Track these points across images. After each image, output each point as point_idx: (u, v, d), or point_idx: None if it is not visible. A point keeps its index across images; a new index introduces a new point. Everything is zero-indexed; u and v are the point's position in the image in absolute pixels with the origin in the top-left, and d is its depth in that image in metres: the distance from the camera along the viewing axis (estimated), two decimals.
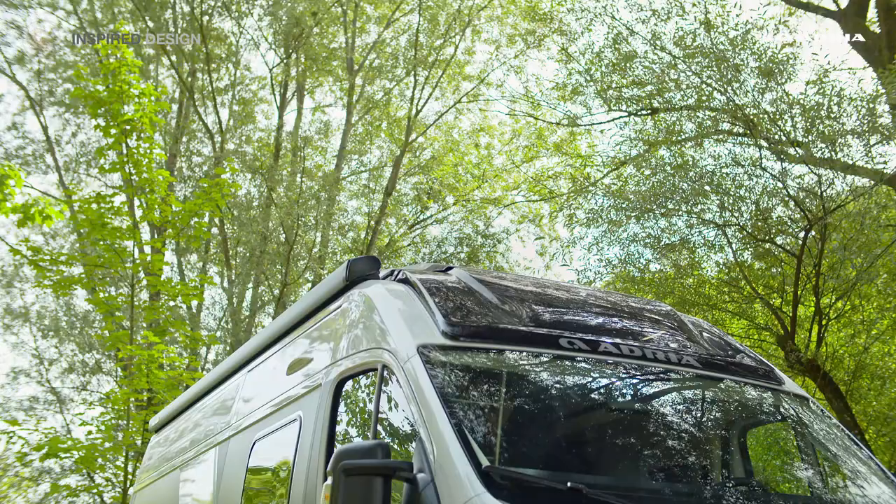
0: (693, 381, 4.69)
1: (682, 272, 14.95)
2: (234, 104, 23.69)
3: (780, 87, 13.35)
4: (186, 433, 7.99)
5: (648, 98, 15.56)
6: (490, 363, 4.30)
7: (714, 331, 5.49)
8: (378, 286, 4.94)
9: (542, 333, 4.47)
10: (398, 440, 4.12)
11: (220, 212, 16.43)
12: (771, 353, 14.52)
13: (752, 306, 14.72)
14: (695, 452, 4.41)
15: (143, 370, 12.96)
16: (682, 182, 13.76)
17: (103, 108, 12.79)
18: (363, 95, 23.74)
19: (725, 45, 13.92)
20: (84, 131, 24.91)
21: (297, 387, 5.26)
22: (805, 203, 12.75)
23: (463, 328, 4.35)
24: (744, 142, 14.46)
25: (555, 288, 5.65)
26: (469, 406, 4.02)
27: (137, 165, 12.92)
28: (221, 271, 23.64)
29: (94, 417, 13.85)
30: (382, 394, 4.26)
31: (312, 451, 4.63)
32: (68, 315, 25.50)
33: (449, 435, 3.67)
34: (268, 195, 21.48)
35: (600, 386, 4.51)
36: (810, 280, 13.03)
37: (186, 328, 15.08)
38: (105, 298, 13.63)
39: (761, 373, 4.93)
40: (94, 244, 13.38)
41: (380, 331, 4.54)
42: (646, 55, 15.59)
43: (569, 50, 17.98)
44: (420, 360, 4.08)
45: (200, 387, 8.09)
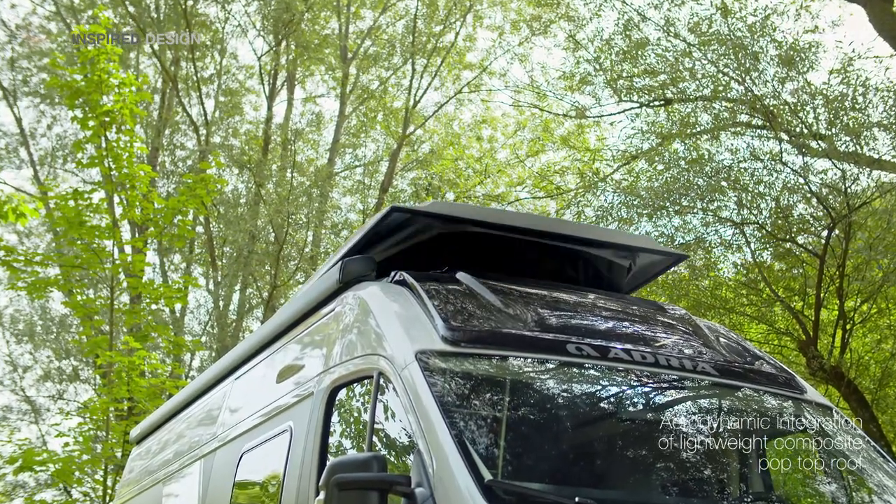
0: (709, 389, 4.69)
1: (698, 273, 14.96)
2: (221, 95, 23.69)
3: (801, 76, 13.36)
4: (169, 445, 7.99)
5: (661, 88, 15.57)
6: (493, 370, 4.30)
7: (731, 336, 5.49)
8: (374, 288, 4.94)
9: (548, 339, 4.47)
10: (395, 452, 4.12)
11: (206, 209, 16.44)
12: (792, 360, 14.53)
13: (771, 310, 14.73)
14: (711, 465, 4.41)
15: (124, 378, 12.96)
16: (698, 178, 13.76)
17: (81, 99, 12.80)
18: (357, 85, 23.74)
19: (743, 32, 13.93)
20: (60, 123, 24.93)
21: (288, 395, 5.26)
22: (828, 200, 12.76)
23: (464, 333, 4.35)
24: (763, 135, 14.47)
25: (562, 290, 5.65)
26: (470, 416, 4.02)
27: (117, 160, 12.92)
28: (207, 272, 23.64)
29: (72, 428, 13.86)
30: (378, 403, 4.26)
31: (304, 463, 4.63)
32: (44, 319, 25.50)
33: (449, 447, 3.67)
34: (256, 191, 21.48)
35: (610, 395, 4.51)
36: (834, 282, 13.03)
37: (169, 333, 15.09)
38: (83, 301, 13.64)
39: (782, 381, 4.94)
40: (71, 244, 13.38)
41: (375, 336, 4.54)
42: (659, 42, 15.60)
43: (577, 37, 17.99)
44: (418, 366, 4.08)
45: (184, 396, 8.09)
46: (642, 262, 6.06)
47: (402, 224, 5.48)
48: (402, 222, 5.47)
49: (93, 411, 13.93)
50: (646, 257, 6.03)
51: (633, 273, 6.09)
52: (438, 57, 23.14)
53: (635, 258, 5.99)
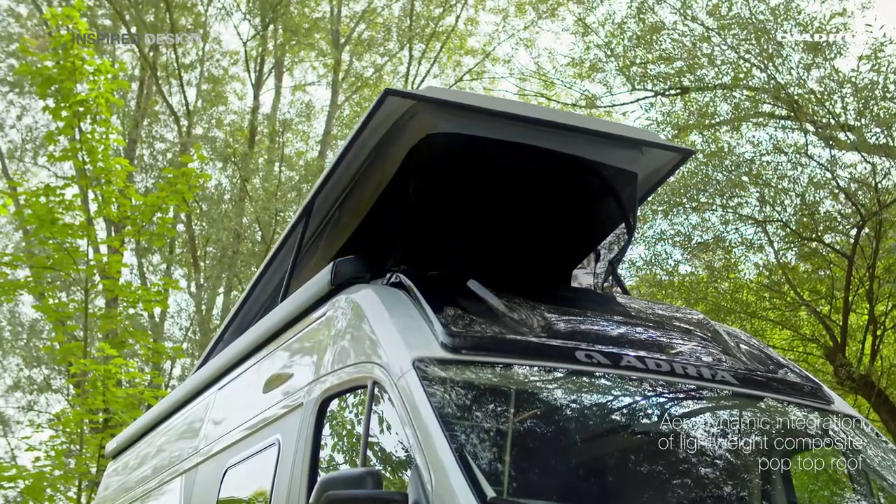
0: (729, 399, 4.69)
1: (717, 275, 14.96)
2: (203, 82, 23.70)
3: (828, 62, 13.36)
4: (148, 460, 8.00)
5: (678, 75, 15.57)
6: (496, 379, 4.30)
7: (753, 342, 5.49)
8: (368, 291, 4.95)
9: (555, 345, 4.47)
10: (391, 467, 4.12)
11: (187, 206, 16.43)
12: (818, 368, 14.53)
13: (796, 314, 14.73)
14: (731, 481, 4.41)
15: (99, 387, 12.96)
16: (717, 172, 13.77)
17: (53, 87, 12.79)
18: (350, 72, 23.76)
19: (766, 15, 13.93)
20: (31, 114, 24.96)
21: (276, 406, 5.26)
22: (857, 196, 12.77)
23: (465, 339, 4.35)
24: (787, 126, 14.48)
25: (571, 292, 5.65)
26: (472, 428, 4.02)
27: (92, 153, 12.92)
28: (188, 274, 23.66)
29: (43, 442, 13.85)
30: (373, 414, 4.26)
31: (293, 480, 4.63)
32: (13, 324, 25.51)
33: (449, 461, 3.68)
34: (241, 187, 21.50)
35: (622, 405, 4.51)
36: (863, 284, 13.04)
37: (148, 339, 15.09)
38: (55, 305, 13.63)
39: (807, 390, 4.94)
40: (42, 243, 13.37)
41: (370, 342, 4.54)
42: (675, 26, 15.61)
43: (586, 20, 18.00)
44: (416, 375, 4.08)
45: (164, 407, 8.09)
46: (649, 164, 6.02)
47: (398, 123, 5.46)
48: (398, 121, 5.44)
49: (66, 424, 13.92)
50: (651, 157, 5.97)
51: (640, 180, 6.04)
52: (438, 42, 23.15)
53: (641, 161, 5.93)
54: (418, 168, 5.50)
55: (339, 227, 6.32)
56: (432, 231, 5.70)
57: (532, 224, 6.03)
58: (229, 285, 22.14)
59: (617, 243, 6.20)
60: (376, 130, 5.49)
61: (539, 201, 5.94)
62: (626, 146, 5.81)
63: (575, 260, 6.29)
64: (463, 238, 5.79)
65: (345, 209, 6.19)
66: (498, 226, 5.94)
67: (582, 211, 6.10)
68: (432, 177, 5.52)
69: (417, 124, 5.42)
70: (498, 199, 5.84)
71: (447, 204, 5.70)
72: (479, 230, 5.87)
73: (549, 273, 6.14)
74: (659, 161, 6.06)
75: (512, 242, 5.99)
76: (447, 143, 5.42)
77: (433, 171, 5.51)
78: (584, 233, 6.21)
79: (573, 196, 6.01)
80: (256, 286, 7.15)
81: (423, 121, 5.40)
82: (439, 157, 5.46)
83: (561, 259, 6.23)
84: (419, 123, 5.41)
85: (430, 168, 5.49)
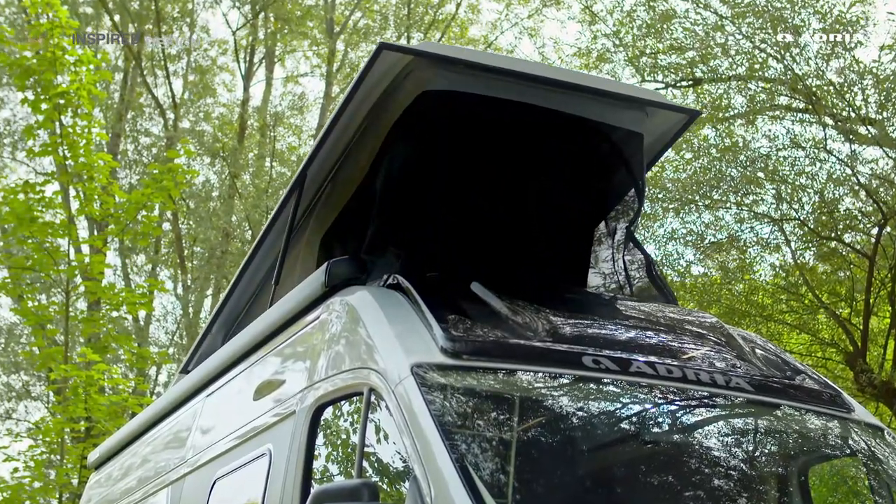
0: (744, 407, 4.69)
1: (731, 276, 14.97)
2: (190, 73, 23.70)
3: (848, 53, 13.36)
4: (133, 471, 8.00)
5: (690, 66, 15.58)
6: (499, 386, 4.30)
7: (769, 347, 5.49)
8: (364, 293, 4.94)
9: (561, 350, 4.47)
10: (388, 479, 4.12)
11: (174, 203, 16.44)
12: (838, 374, 14.54)
13: (814, 317, 14.74)
14: (746, 493, 4.41)
15: (81, 395, 12.97)
16: (731, 167, 13.77)
17: (32, 79, 12.80)
18: (345, 63, 23.76)
19: (783, 3, 13.94)
20: (9, 106, 24.96)
21: (267, 415, 5.27)
22: (879, 193, 12.77)
23: (466, 344, 4.35)
24: (805, 119, 14.48)
25: (578, 295, 5.65)
26: (474, 438, 4.02)
27: (73, 148, 12.93)
28: (174, 275, 23.67)
29: (22, 452, 13.87)
30: (369, 423, 4.26)
31: (284, 491, 4.63)
32: None
33: (449, 472, 3.68)
34: (230, 183, 21.50)
35: (632, 413, 4.52)
36: (885, 286, 13.04)
37: (132, 344, 15.11)
38: (34, 308, 13.63)
39: (826, 397, 4.94)
40: (21, 242, 13.39)
41: (366, 347, 4.54)
42: (686, 14, 15.61)
43: (593, 8, 18.00)
44: (414, 382, 4.08)
45: (149, 415, 8.10)
46: (655, 126, 5.99)
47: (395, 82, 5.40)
48: (394, 81, 5.39)
49: (46, 433, 13.93)
50: (657, 119, 5.94)
51: (646, 144, 6.02)
52: (437, 31, 23.16)
53: (647, 123, 5.90)
54: (411, 131, 5.42)
55: (330, 201, 6.19)
56: (419, 205, 5.59)
57: (537, 194, 5.92)
58: (217, 287, 22.14)
59: (627, 212, 6.15)
60: (370, 93, 5.41)
61: (544, 167, 5.86)
62: (632, 107, 5.79)
63: (586, 230, 6.20)
64: (459, 212, 5.68)
65: (337, 181, 6.07)
66: (497, 197, 5.83)
67: (590, 176, 6.03)
68: (426, 141, 5.46)
69: (413, 82, 5.36)
70: (497, 165, 5.74)
71: (441, 172, 5.58)
72: (475, 201, 5.76)
73: (557, 248, 6.05)
74: (665, 123, 6.02)
75: (514, 216, 5.87)
76: (443, 104, 5.36)
77: (427, 134, 5.44)
78: (594, 200, 6.14)
79: (580, 160, 5.96)
80: (246, 269, 7.03)
81: (418, 77, 5.34)
82: (434, 119, 5.39)
83: (571, 229, 6.13)
84: (414, 80, 5.35)
85: (423, 132, 5.42)
